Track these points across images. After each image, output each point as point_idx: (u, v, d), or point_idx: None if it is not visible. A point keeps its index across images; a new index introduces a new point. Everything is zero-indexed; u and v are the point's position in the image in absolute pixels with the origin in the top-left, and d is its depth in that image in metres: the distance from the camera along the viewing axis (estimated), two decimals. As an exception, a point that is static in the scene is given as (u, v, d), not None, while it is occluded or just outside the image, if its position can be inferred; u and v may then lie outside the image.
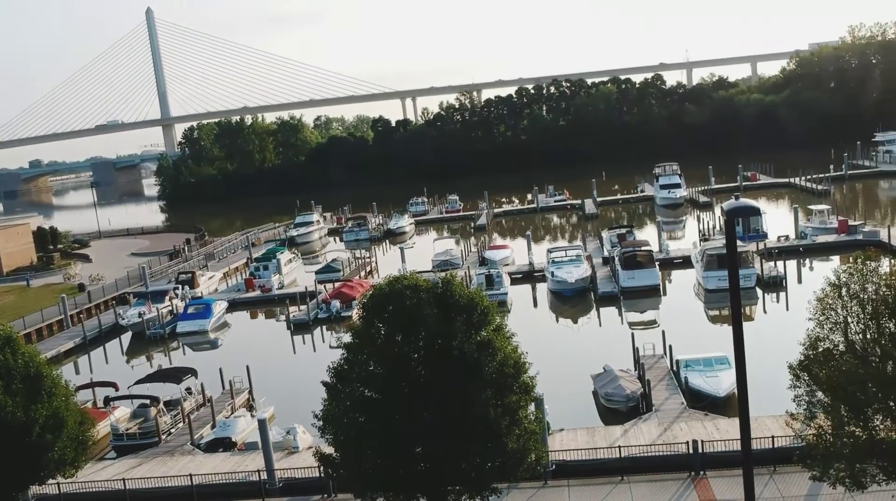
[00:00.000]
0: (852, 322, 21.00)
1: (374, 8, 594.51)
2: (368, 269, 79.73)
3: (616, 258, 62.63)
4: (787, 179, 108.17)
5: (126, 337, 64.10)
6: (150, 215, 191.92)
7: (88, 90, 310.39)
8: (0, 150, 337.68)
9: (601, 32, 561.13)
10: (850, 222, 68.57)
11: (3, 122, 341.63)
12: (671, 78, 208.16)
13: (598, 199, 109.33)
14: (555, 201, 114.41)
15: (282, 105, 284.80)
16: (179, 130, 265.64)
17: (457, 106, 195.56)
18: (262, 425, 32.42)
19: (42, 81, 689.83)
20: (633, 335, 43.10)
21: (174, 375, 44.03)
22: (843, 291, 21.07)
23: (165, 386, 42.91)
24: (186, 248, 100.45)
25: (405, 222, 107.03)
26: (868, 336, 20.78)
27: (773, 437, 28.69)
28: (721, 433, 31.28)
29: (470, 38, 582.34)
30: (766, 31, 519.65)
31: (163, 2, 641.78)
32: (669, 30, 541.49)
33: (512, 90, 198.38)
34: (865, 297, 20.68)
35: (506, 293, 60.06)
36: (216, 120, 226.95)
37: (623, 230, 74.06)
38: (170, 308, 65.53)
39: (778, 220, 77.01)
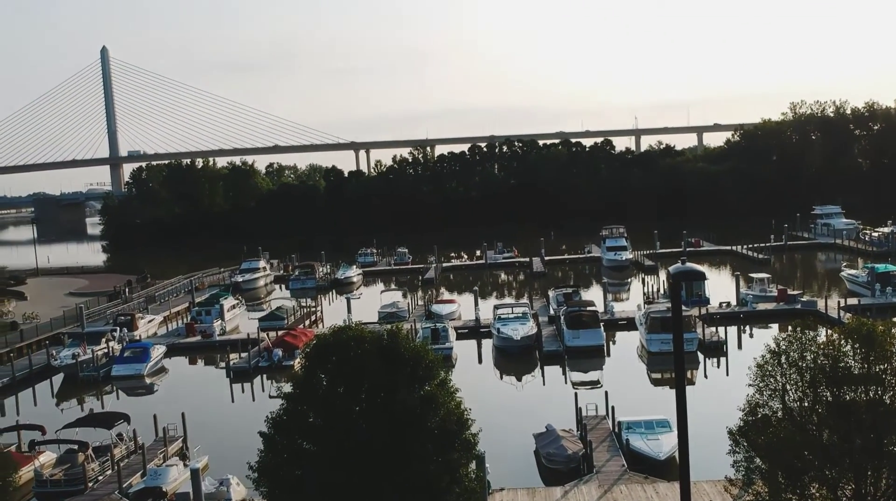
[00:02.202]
0: (791, 390, 21.31)
1: (332, 59, 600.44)
2: (314, 318, 78.84)
3: (562, 317, 63.00)
4: (728, 247, 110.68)
5: (58, 379, 61.97)
6: (91, 254, 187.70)
7: (36, 125, 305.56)
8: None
9: (555, 95, 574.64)
10: (789, 292, 70.20)
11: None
12: (620, 144, 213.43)
13: (546, 257, 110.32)
14: (503, 258, 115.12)
15: (234, 150, 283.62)
16: (128, 170, 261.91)
17: (410, 160, 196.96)
18: (195, 475, 31.39)
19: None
20: (576, 394, 43.13)
21: (105, 420, 42.56)
22: (783, 358, 21.41)
23: (96, 431, 41.46)
24: (127, 289, 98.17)
25: (353, 273, 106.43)
26: (806, 404, 21.09)
27: (711, 502, 28.75)
28: (661, 496, 31.27)
29: (425, 92, 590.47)
30: (712, 104, 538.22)
31: (120, 42, 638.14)
32: (620, 98, 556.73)
33: (465, 147, 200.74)
34: (804, 365, 21.04)
35: (451, 348, 59.82)
36: (166, 162, 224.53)
37: (569, 290, 74.70)
38: (106, 351, 63.71)
39: (719, 286, 78.51)
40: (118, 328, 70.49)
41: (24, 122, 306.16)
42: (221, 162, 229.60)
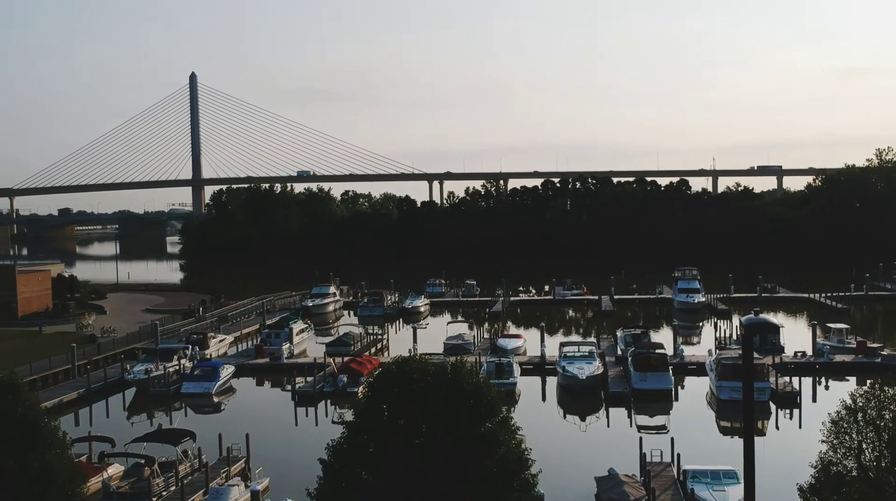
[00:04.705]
0: (867, 449, 20.50)
1: (410, 91, 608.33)
2: (380, 346, 79.33)
3: (629, 359, 61.92)
4: (806, 295, 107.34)
5: (130, 393, 63.65)
6: (169, 272, 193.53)
7: (125, 145, 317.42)
8: (33, 196, 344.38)
9: (631, 133, 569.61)
10: (869, 344, 67.56)
11: (40, 169, 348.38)
12: (697, 184, 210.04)
13: (616, 296, 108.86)
14: (571, 295, 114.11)
15: (312, 177, 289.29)
16: (208, 191, 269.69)
17: (482, 192, 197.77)
18: (255, 497, 31.84)
19: (83, 132, 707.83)
20: (640, 439, 42.20)
21: (172, 436, 43.53)
22: (859, 415, 20.65)
23: (163, 447, 42.34)
24: (201, 308, 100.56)
25: (420, 302, 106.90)
26: (883, 465, 20.24)
27: (778, 561, 27.68)
28: (725, 551, 30.22)
29: (500, 126, 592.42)
30: (793, 147, 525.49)
31: (207, 67, 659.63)
32: (698, 138, 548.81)
33: (538, 182, 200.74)
34: (882, 424, 20.23)
35: (514, 383, 59.34)
36: (245, 185, 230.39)
37: (638, 331, 73.26)
38: (177, 368, 65.23)
39: (795, 334, 76.07)
40: (190, 346, 72.13)
41: (115, 142, 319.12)
42: (299, 187, 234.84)
